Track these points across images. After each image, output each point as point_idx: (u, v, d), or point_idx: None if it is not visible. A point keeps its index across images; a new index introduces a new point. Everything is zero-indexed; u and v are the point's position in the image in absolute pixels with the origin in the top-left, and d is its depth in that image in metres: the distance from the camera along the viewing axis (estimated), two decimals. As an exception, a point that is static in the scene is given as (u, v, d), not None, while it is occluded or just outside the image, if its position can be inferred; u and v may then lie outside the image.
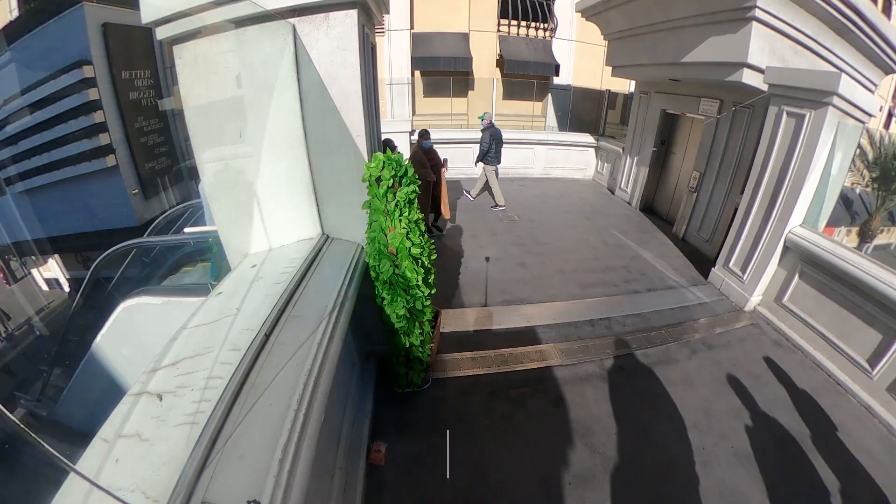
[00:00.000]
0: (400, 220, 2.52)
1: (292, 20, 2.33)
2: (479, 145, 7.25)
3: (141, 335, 3.67)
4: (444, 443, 2.91)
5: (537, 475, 2.76)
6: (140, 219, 7.18)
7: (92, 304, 4.94)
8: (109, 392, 3.62)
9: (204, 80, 2.42)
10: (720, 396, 3.61)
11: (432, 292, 2.90)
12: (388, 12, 2.95)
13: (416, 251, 2.62)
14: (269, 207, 2.54)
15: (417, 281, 2.71)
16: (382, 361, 3.34)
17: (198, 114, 2.47)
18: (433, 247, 2.90)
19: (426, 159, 5.81)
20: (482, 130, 7.14)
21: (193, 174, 2.66)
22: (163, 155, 7.57)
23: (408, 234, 2.57)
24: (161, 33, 2.29)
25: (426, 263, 2.80)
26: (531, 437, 3.05)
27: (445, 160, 6.37)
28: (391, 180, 2.45)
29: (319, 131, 2.41)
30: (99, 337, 3.86)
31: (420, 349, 2.98)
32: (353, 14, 2.32)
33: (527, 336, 4.15)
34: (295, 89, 2.34)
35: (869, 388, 3.71)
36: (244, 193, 2.54)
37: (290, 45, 2.33)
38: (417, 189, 2.61)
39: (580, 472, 2.80)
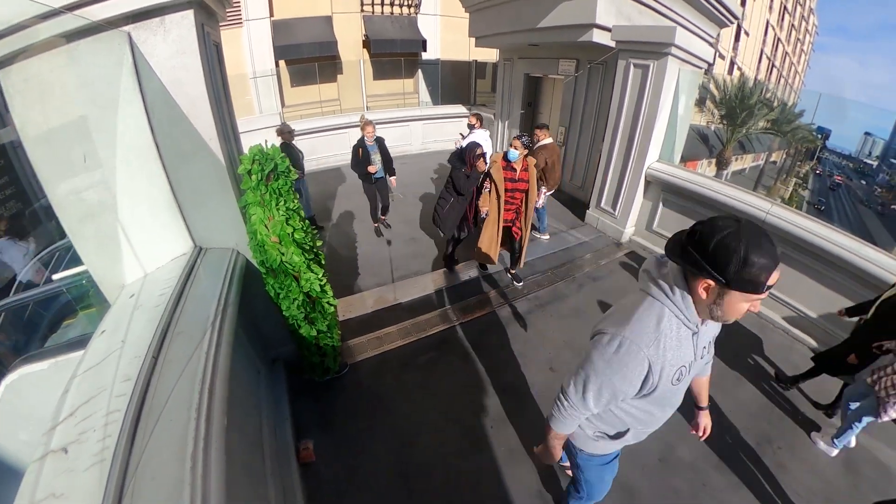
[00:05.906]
0: (277, 209, 2.53)
1: (126, 28, 2.16)
2: None
3: (36, 409, 3.21)
4: (368, 424, 3.00)
5: (461, 428, 2.97)
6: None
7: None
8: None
9: (40, 106, 2.17)
10: (610, 320, 4.08)
11: (325, 274, 2.91)
12: (231, 6, 2.86)
13: (298, 235, 2.65)
14: (135, 231, 2.39)
15: (308, 264, 2.74)
16: (290, 363, 3.30)
17: (40, 144, 2.24)
18: (315, 233, 2.98)
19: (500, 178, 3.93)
20: None
21: (52, 214, 2.42)
22: (11, 198, 6.56)
23: (287, 220, 2.59)
24: (-21, 57, 2.04)
25: (311, 247, 2.84)
26: (448, 395, 3.24)
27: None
28: (260, 174, 2.44)
29: (171, 142, 2.31)
30: (-12, 427, 3.30)
31: (328, 335, 3.01)
32: (189, 15, 2.22)
33: (426, 304, 4.31)
34: (139, 102, 2.21)
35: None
36: (105, 222, 2.37)
37: (127, 55, 2.18)
38: (292, 182, 2.61)
39: (499, 415, 3.07)
